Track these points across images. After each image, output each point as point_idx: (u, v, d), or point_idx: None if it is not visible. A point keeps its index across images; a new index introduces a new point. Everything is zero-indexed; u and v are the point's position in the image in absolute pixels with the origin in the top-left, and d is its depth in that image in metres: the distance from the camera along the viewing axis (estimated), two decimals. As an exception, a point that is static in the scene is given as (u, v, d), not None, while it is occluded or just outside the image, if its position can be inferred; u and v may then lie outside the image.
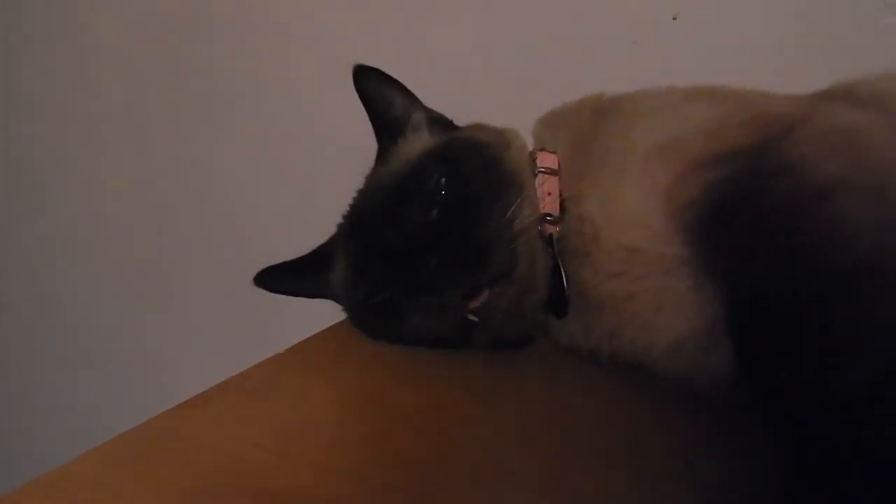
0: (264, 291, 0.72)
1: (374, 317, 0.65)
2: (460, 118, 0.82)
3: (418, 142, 0.70)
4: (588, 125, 0.69)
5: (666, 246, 0.56)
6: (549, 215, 0.65)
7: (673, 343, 0.56)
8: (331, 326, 0.73)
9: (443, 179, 0.62)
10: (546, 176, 0.67)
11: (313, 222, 0.70)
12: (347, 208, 0.70)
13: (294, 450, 0.51)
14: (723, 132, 0.57)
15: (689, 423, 0.54)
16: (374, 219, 0.64)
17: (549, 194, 0.66)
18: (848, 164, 0.47)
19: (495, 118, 0.80)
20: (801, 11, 0.95)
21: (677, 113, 0.63)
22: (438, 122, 0.74)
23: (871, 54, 0.90)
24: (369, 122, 0.72)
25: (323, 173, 1.12)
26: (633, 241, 0.58)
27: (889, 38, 0.89)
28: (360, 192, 0.70)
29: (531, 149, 0.72)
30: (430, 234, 0.60)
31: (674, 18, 1.03)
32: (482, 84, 1.12)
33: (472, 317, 0.59)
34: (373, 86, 0.71)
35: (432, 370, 0.65)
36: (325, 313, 0.72)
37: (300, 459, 0.50)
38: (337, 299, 0.71)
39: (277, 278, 0.71)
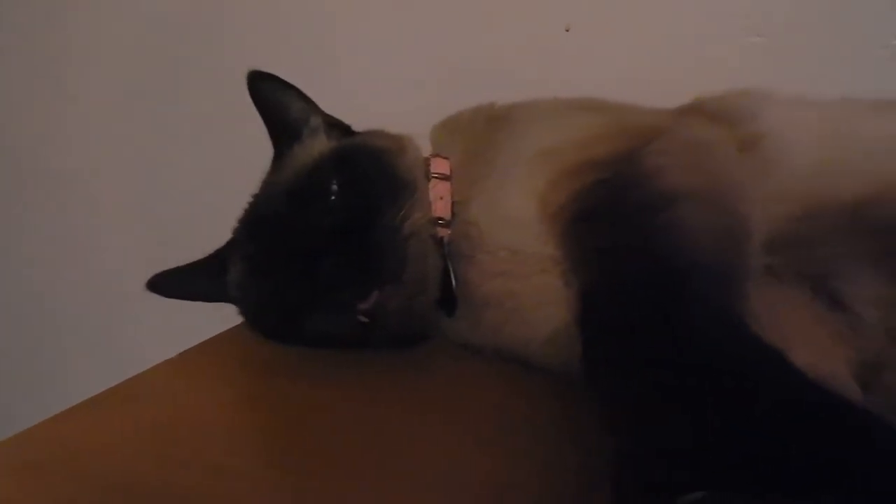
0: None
1: (269, 319, 0.66)
2: (364, 124, 0.85)
3: (315, 147, 0.72)
4: (480, 132, 0.73)
5: (542, 247, 0.60)
6: (441, 219, 0.69)
7: (549, 336, 0.60)
8: (226, 330, 0.74)
9: (336, 184, 0.64)
10: (439, 181, 0.71)
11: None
12: (243, 212, 0.71)
13: (183, 452, 0.52)
14: (594, 143, 0.62)
15: (567, 409, 0.58)
16: (270, 222, 0.65)
17: (442, 198, 0.70)
18: (692, 175, 0.53)
19: (398, 124, 0.83)
20: (675, 31, 1.03)
21: (558, 123, 0.68)
22: (335, 128, 0.76)
23: (736, 72, 1.01)
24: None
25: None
26: (514, 243, 0.62)
27: (751, 56, 0.99)
28: (257, 196, 0.71)
29: (427, 154, 0.76)
30: (324, 238, 0.61)
31: (566, 30, 1.09)
32: (387, 91, 1.15)
33: (362, 318, 0.61)
34: (268, 91, 0.72)
35: (327, 370, 0.66)
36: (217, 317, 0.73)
37: (191, 461, 0.51)
38: (234, 302, 0.71)
39: (171, 283, 0.71)
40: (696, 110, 0.68)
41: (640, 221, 0.50)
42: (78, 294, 1.60)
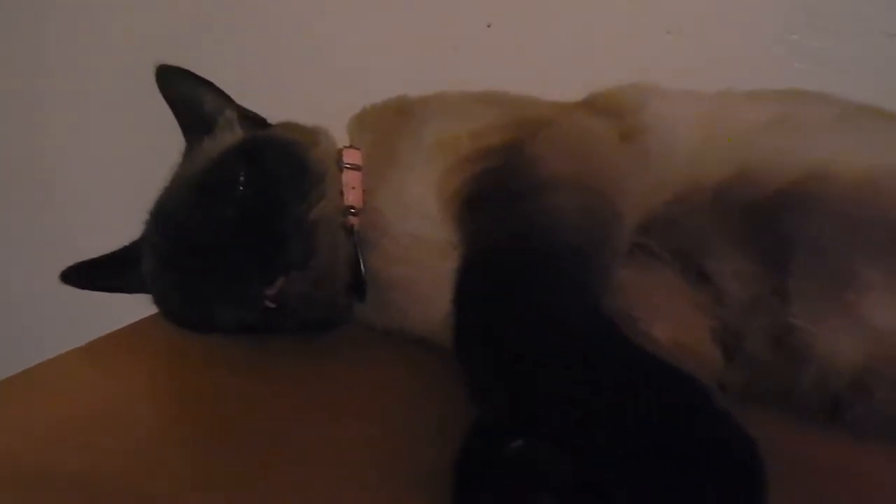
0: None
1: (180, 308, 0.68)
2: (284, 117, 0.87)
3: (225, 139, 0.74)
4: (390, 124, 0.76)
5: (441, 232, 0.63)
6: (353, 208, 0.72)
7: (447, 317, 0.63)
8: (139, 321, 0.75)
9: (243, 174, 0.66)
10: (351, 171, 0.74)
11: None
12: (153, 204, 0.72)
13: (87, 439, 0.53)
14: (489, 133, 0.65)
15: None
16: (178, 213, 0.67)
17: (354, 188, 0.73)
18: (567, 163, 0.57)
19: (322, 118, 0.85)
20: (592, 28, 1.08)
21: (458, 115, 0.71)
22: (250, 120, 0.78)
23: (649, 67, 1.05)
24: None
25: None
26: (416, 229, 0.65)
27: (663, 52, 1.04)
28: (166, 188, 0.73)
29: (344, 146, 0.79)
30: (230, 227, 0.63)
31: (488, 26, 1.13)
32: (314, 85, 1.16)
33: (269, 304, 0.64)
34: (178, 85, 0.74)
35: (243, 358, 0.69)
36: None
37: (91, 448, 0.52)
38: (147, 293, 0.73)
39: (86, 275, 0.72)
40: (589, 103, 0.72)
41: (514, 204, 0.54)
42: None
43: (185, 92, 0.74)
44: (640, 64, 1.03)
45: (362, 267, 0.69)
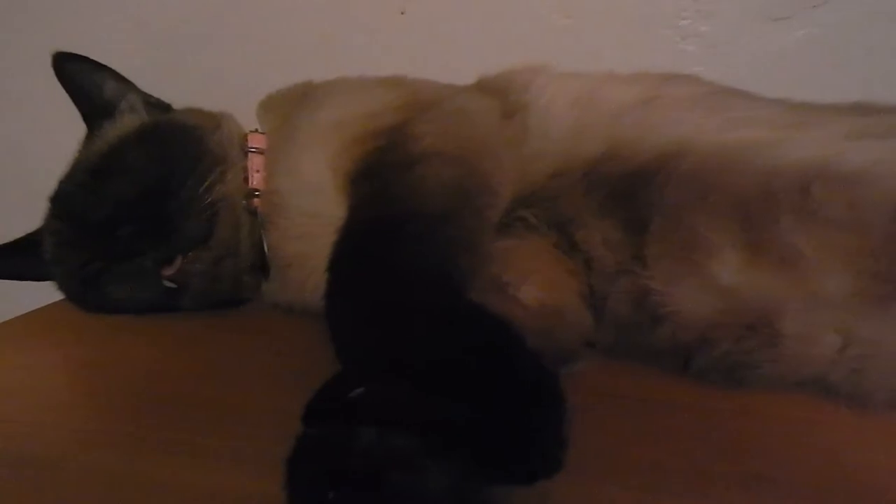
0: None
1: (80, 289, 0.69)
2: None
3: (126, 124, 0.75)
4: (292, 107, 0.79)
5: (335, 210, 0.66)
6: (257, 190, 0.75)
7: None
8: (45, 306, 0.76)
9: (139, 158, 0.68)
10: (255, 155, 0.76)
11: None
12: (53, 190, 0.73)
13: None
14: (381, 114, 0.69)
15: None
16: (74, 197, 0.68)
17: (258, 171, 0.75)
18: (444, 140, 0.61)
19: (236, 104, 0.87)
20: (497, 14, 1.12)
21: (354, 97, 0.74)
22: (154, 106, 0.80)
23: (549, 52, 1.10)
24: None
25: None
26: (312, 208, 0.68)
27: (562, 36, 1.09)
28: (65, 174, 0.74)
29: (250, 130, 0.81)
30: (125, 208, 0.65)
31: (402, 13, 1.15)
32: (223, 72, 1.17)
33: (168, 283, 0.66)
34: (77, 72, 0.74)
35: (152, 335, 0.71)
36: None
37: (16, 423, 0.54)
38: (51, 277, 0.74)
39: None
40: (479, 85, 0.76)
41: (388, 177, 0.58)
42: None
43: (83, 78, 0.75)
44: (540, 47, 1.10)
45: (266, 247, 0.73)
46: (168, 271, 0.65)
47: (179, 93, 0.84)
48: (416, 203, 0.55)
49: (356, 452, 0.30)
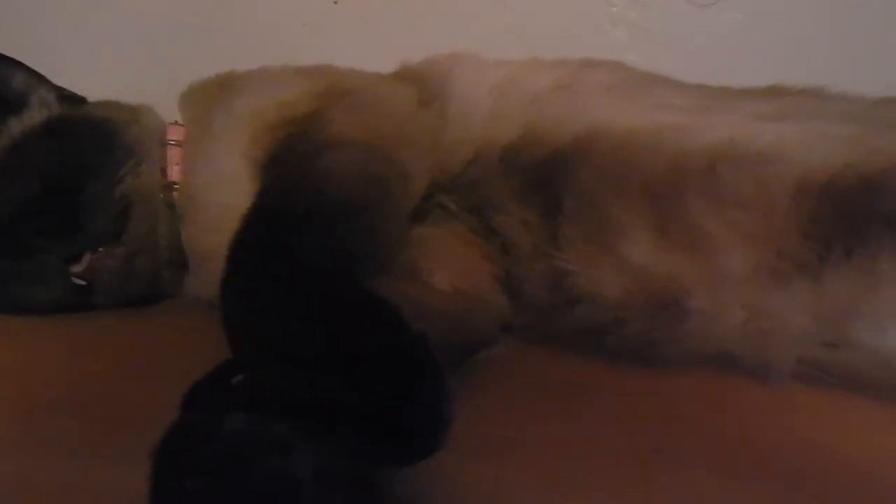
0: None
1: (-14, 291, 0.67)
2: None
3: (34, 119, 0.72)
4: (211, 98, 0.76)
5: (249, 200, 0.65)
6: (176, 183, 0.73)
7: None
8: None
9: (44, 151, 0.65)
10: (174, 147, 0.74)
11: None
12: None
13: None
14: (295, 102, 0.68)
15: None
16: None
17: (177, 164, 0.74)
18: (356, 127, 0.61)
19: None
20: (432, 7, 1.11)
21: (271, 87, 0.73)
22: (67, 100, 0.77)
23: (489, 42, 1.10)
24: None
25: None
26: (227, 199, 0.66)
27: (502, 27, 1.09)
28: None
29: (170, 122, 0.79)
30: (29, 205, 0.63)
31: (335, 2, 1.14)
32: (152, 63, 1.14)
33: (78, 280, 0.64)
34: None
35: (64, 335, 0.68)
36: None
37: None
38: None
39: None
40: (400, 73, 0.75)
41: (296, 164, 0.57)
42: None
43: None
44: (473, 35, 1.09)
45: (184, 241, 0.71)
46: (76, 268, 0.63)
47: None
48: (320, 190, 0.54)
49: (221, 439, 0.30)
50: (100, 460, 0.44)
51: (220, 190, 0.67)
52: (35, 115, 0.72)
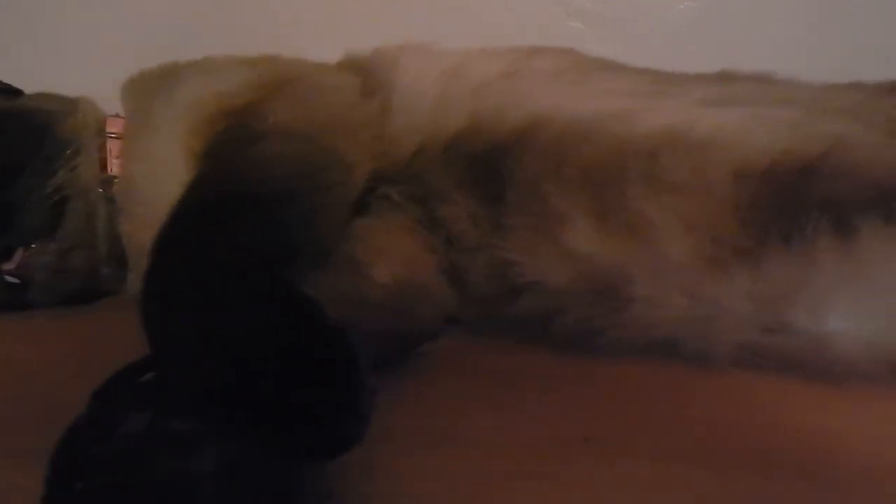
0: None
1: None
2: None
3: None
4: (153, 89, 0.74)
5: None
6: (116, 177, 0.71)
7: None
8: None
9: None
10: (113, 140, 0.72)
11: None
12: None
13: None
14: (236, 93, 0.66)
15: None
16: None
17: (117, 158, 0.72)
18: (294, 117, 0.59)
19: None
20: None
21: (216, 77, 0.71)
22: (1, 93, 0.75)
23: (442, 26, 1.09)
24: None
25: None
26: (166, 193, 0.64)
27: (453, 21, 1.08)
28: None
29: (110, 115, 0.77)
30: None
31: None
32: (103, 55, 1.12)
33: (11, 279, 0.62)
34: None
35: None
36: None
37: None
38: None
39: None
40: (344, 63, 0.74)
41: (228, 156, 0.56)
42: None
43: None
44: (426, 25, 1.08)
45: (122, 236, 0.69)
46: (7, 266, 0.61)
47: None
48: (250, 180, 0.52)
49: (118, 438, 0.29)
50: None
51: (158, 184, 0.65)
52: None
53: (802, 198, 0.55)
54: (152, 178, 0.66)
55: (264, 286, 0.40)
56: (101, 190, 0.69)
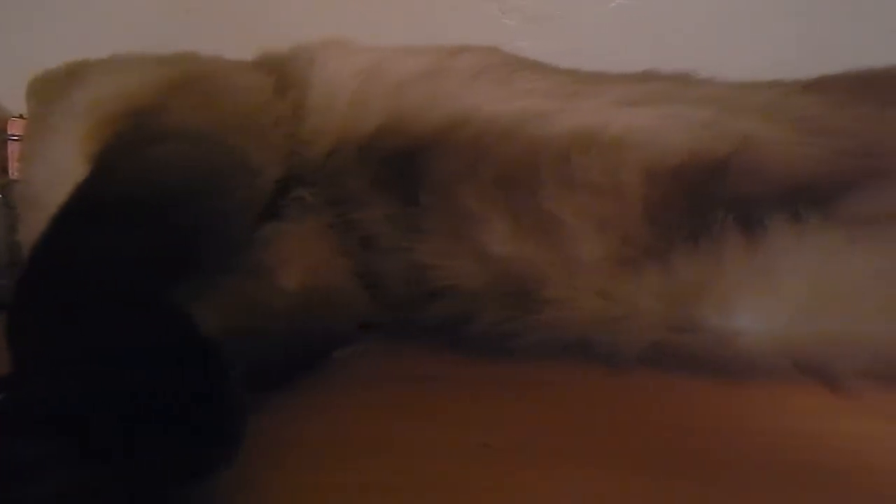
0: None
1: None
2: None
3: None
4: (57, 89, 0.71)
5: None
6: (16, 181, 0.67)
7: None
8: None
9: None
10: (14, 142, 0.69)
11: None
12: None
13: None
14: (140, 92, 0.63)
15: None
16: None
17: (18, 161, 0.68)
18: (195, 117, 0.57)
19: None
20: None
21: (121, 76, 0.68)
22: None
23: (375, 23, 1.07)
24: None
25: None
26: (63, 197, 0.62)
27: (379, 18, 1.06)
28: None
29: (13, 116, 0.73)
30: None
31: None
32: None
33: None
34: None
35: None
36: None
37: None
38: None
39: None
40: (259, 61, 0.72)
41: (122, 158, 0.53)
42: None
43: None
44: (357, 22, 1.07)
45: (23, 244, 0.66)
46: None
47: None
48: (142, 184, 0.50)
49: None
50: None
51: (58, 189, 0.61)
52: None
53: (711, 196, 0.55)
54: (50, 183, 0.62)
55: (135, 298, 0.38)
56: (1, 195, 0.66)
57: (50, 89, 0.71)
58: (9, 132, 0.69)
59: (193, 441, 0.31)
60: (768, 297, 0.53)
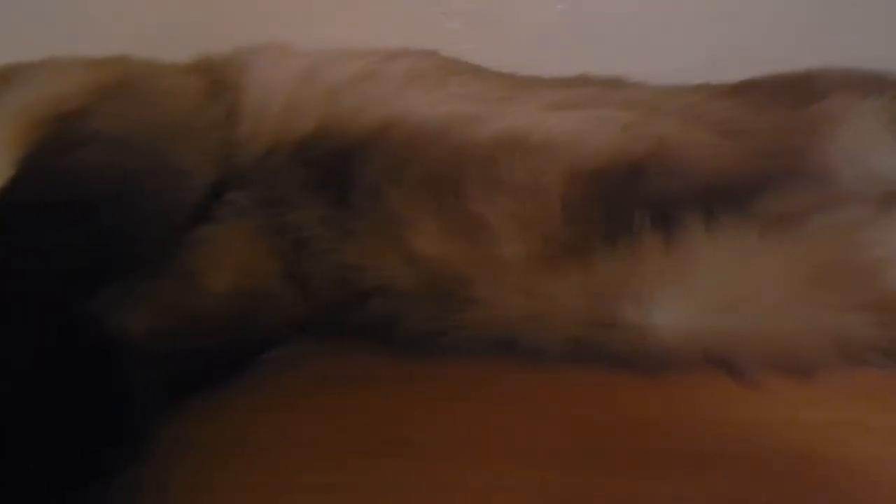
0: None
1: None
2: None
3: None
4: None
5: None
6: (-55, 189, 0.66)
7: None
8: None
9: None
10: (-56, 149, 0.68)
11: None
12: None
13: None
14: (70, 96, 0.62)
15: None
16: None
17: (-54, 168, 0.67)
18: (122, 121, 0.57)
19: None
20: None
21: (53, 79, 0.67)
22: None
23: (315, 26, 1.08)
24: None
25: None
26: None
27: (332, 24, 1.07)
28: None
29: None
30: None
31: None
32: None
33: None
34: None
35: None
36: None
37: None
38: None
39: None
40: (194, 64, 0.72)
41: (44, 162, 0.53)
42: None
43: None
44: (299, 24, 1.07)
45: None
46: None
47: None
48: (60, 189, 0.50)
49: None
50: None
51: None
52: None
53: (629, 197, 0.57)
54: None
55: (43, 302, 0.38)
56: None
57: None
58: (-60, 137, 0.68)
59: (89, 442, 0.32)
60: (683, 293, 0.56)
